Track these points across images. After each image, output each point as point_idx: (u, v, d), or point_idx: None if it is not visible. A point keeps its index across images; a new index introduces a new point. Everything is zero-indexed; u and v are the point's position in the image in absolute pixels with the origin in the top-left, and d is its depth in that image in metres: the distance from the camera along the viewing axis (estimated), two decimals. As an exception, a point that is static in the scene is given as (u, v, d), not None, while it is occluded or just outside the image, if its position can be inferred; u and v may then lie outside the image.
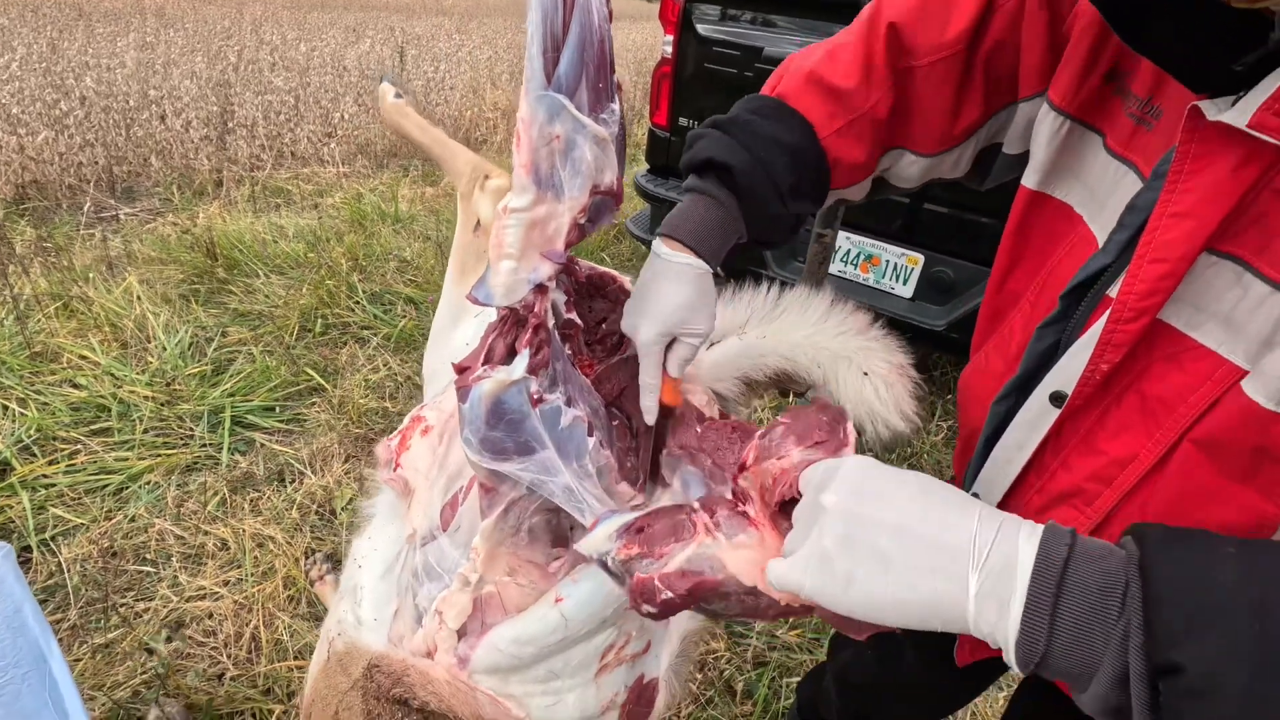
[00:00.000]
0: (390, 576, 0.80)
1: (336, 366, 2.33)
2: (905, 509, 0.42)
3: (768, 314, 0.84)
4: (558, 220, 0.61)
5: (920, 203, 2.21)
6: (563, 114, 0.57)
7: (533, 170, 0.59)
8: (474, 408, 0.62)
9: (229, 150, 4.45)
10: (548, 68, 0.56)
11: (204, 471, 1.85)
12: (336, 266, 2.75)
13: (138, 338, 2.26)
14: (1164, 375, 0.50)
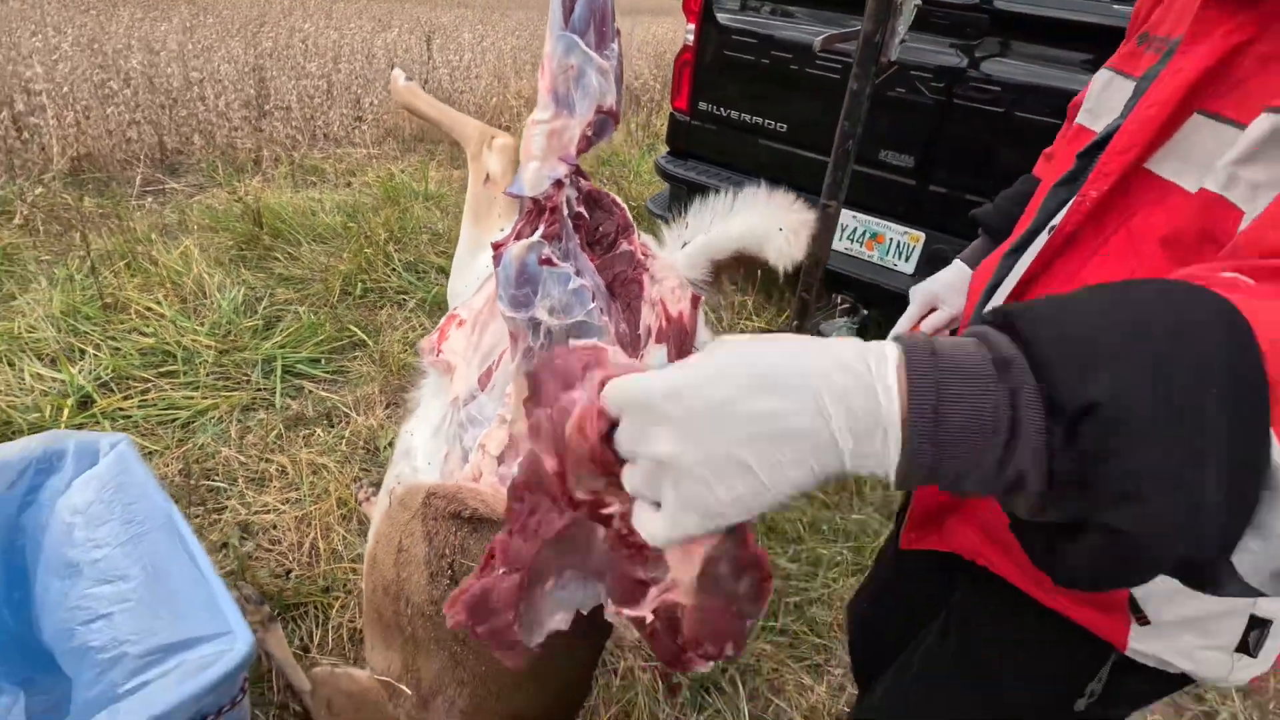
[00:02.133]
0: (439, 434, 0.99)
1: (376, 325, 2.52)
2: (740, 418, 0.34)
3: (725, 212, 1.03)
4: (570, 131, 0.82)
5: (924, 184, 2.37)
6: (576, 49, 0.77)
7: (552, 92, 0.80)
8: (505, 269, 0.81)
9: (265, 131, 4.66)
10: (566, 14, 0.77)
11: (260, 411, 2.05)
12: (374, 236, 2.94)
13: (196, 294, 2.46)
14: (1149, 215, 0.59)
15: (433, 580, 0.91)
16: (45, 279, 2.40)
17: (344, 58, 6.09)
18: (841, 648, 1.63)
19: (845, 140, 1.79)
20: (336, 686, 1.07)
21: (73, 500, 1.06)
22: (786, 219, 0.92)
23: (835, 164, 1.83)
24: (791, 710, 1.49)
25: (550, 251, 0.81)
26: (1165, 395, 0.29)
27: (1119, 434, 0.29)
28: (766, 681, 1.53)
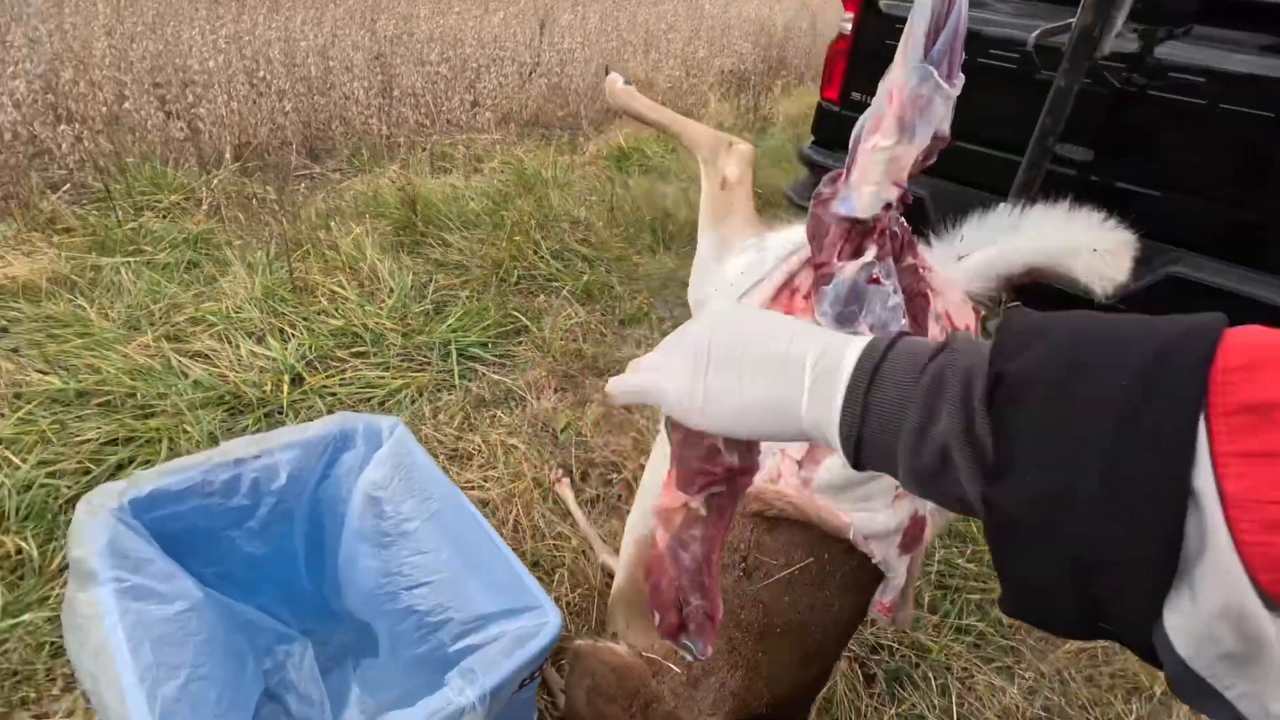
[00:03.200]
0: None
1: (535, 311, 2.63)
2: (757, 331, 0.44)
3: (1011, 227, 1.04)
4: (907, 158, 0.85)
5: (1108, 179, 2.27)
6: (930, 80, 0.80)
7: (899, 119, 0.83)
8: (838, 287, 0.86)
9: (393, 117, 4.88)
10: (928, 46, 0.79)
11: (445, 392, 2.19)
12: (523, 224, 3.06)
13: (370, 279, 2.64)
14: None
15: (723, 572, 0.98)
16: (239, 262, 2.62)
17: (458, 43, 6.27)
18: (1029, 651, 1.63)
19: (1045, 138, 1.74)
20: (600, 659, 1.17)
21: (373, 476, 1.19)
22: (1101, 239, 0.93)
23: (1031, 162, 1.79)
24: (985, 710, 1.51)
25: (878, 271, 0.85)
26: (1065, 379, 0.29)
27: (1011, 404, 0.29)
28: (958, 680, 1.55)
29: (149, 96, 3.92)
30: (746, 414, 0.42)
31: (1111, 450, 0.27)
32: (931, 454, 0.34)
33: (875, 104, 0.85)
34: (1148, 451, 0.27)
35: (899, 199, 0.86)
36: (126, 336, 2.15)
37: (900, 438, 0.35)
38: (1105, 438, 0.28)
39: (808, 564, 0.95)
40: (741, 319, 0.46)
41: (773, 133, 5.38)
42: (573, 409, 2.16)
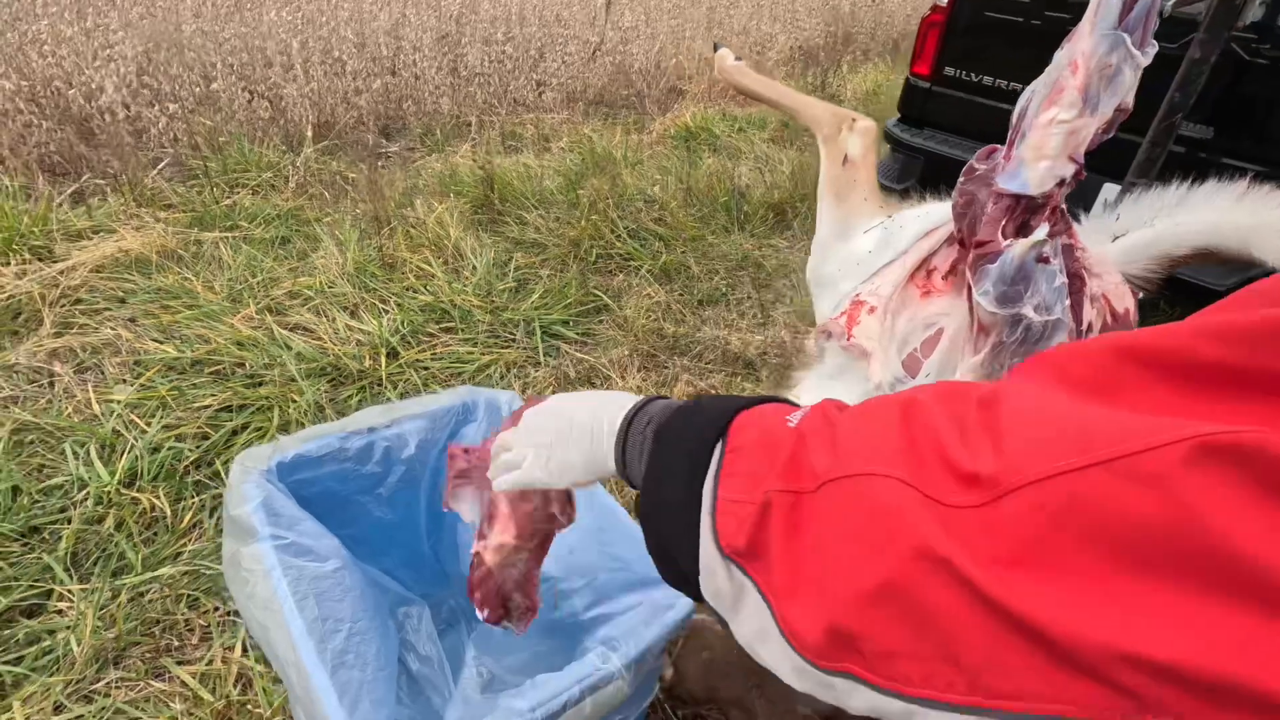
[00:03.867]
0: None
1: (614, 290, 2.64)
2: (566, 411, 0.63)
3: (1172, 206, 0.98)
4: (1087, 130, 0.81)
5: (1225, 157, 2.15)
6: (1121, 47, 0.75)
7: (1084, 90, 0.79)
8: (1005, 265, 0.83)
9: (460, 96, 4.93)
10: (1124, 11, 0.75)
11: (531, 369, 2.22)
12: (599, 203, 3.06)
13: (455, 256, 2.69)
14: None
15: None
16: (329, 239, 2.69)
17: (522, 22, 6.28)
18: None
19: (1172, 113, 1.65)
20: (719, 633, 1.18)
21: (495, 448, 1.21)
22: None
23: (1154, 140, 1.70)
24: None
25: (1048, 249, 0.82)
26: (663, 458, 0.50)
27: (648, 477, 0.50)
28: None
29: (235, 77, 4.05)
30: (570, 469, 0.61)
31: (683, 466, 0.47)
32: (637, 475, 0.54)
33: (1050, 74, 0.82)
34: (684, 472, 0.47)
35: (1074, 175, 0.82)
36: (231, 309, 2.24)
37: (631, 464, 0.55)
38: (680, 463, 0.48)
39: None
40: (557, 406, 0.65)
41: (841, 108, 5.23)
42: (658, 388, 2.17)
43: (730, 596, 0.42)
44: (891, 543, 0.34)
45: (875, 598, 0.34)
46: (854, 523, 0.36)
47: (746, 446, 0.44)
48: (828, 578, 0.36)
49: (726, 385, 2.18)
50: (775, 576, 0.39)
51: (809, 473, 0.39)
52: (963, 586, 0.31)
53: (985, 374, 0.90)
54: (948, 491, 0.33)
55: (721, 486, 0.43)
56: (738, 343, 2.40)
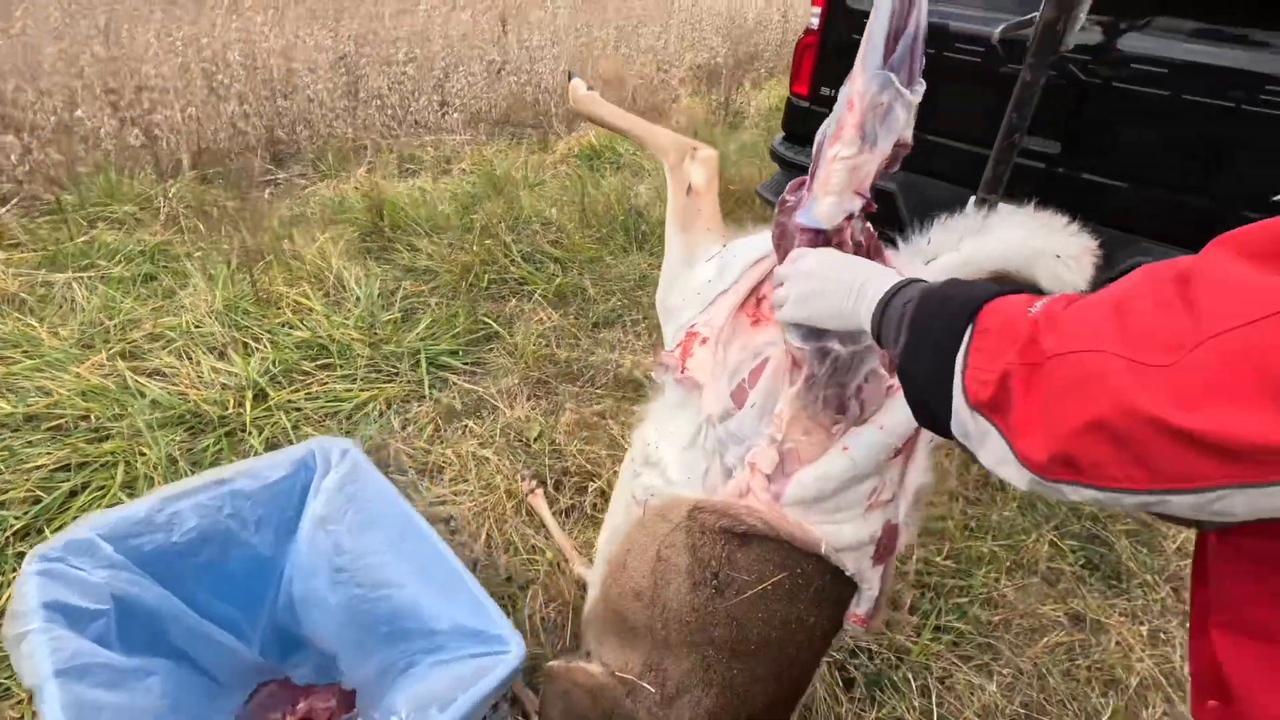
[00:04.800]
0: (693, 448, 1.02)
1: (506, 316, 2.59)
2: (834, 272, 0.75)
3: (979, 230, 1.02)
4: (869, 166, 0.83)
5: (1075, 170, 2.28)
6: (890, 87, 0.78)
7: (860, 128, 0.81)
8: None
9: (359, 119, 4.79)
10: (887, 52, 0.77)
11: (415, 403, 2.14)
12: (492, 227, 3.01)
13: (336, 288, 2.58)
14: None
15: (695, 589, 0.95)
16: (199, 275, 2.54)
17: (424, 42, 6.17)
18: (1008, 648, 1.63)
19: (1012, 133, 1.74)
20: (573, 680, 1.14)
21: (322, 508, 1.14)
22: (1065, 245, 0.92)
23: (998, 158, 1.78)
24: (965, 709, 1.51)
25: None
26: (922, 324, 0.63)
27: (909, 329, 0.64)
28: (938, 681, 1.55)
29: (101, 103, 3.80)
30: (830, 315, 0.75)
31: (939, 340, 0.60)
32: (897, 343, 0.65)
33: (836, 111, 0.83)
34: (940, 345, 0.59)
35: (862, 208, 0.83)
36: (79, 355, 2.07)
37: (890, 338, 0.67)
38: (935, 335, 0.61)
39: (780, 579, 0.93)
40: (833, 259, 0.78)
41: (745, 127, 5.36)
42: (546, 416, 2.13)
43: (977, 436, 0.56)
44: (1101, 394, 0.45)
45: (1088, 430, 0.46)
46: (1072, 382, 0.48)
47: (993, 329, 0.56)
48: (1051, 419, 0.49)
49: (616, 409, 2.16)
50: (1013, 421, 0.52)
51: (1039, 351, 0.51)
52: (1150, 423, 0.43)
53: (802, 405, 0.90)
54: (1147, 354, 0.44)
55: (971, 357, 0.56)
56: (630, 365, 2.38)
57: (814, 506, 0.90)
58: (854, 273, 0.73)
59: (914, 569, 1.75)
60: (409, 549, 1.08)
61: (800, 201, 0.89)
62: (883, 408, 0.91)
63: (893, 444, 0.90)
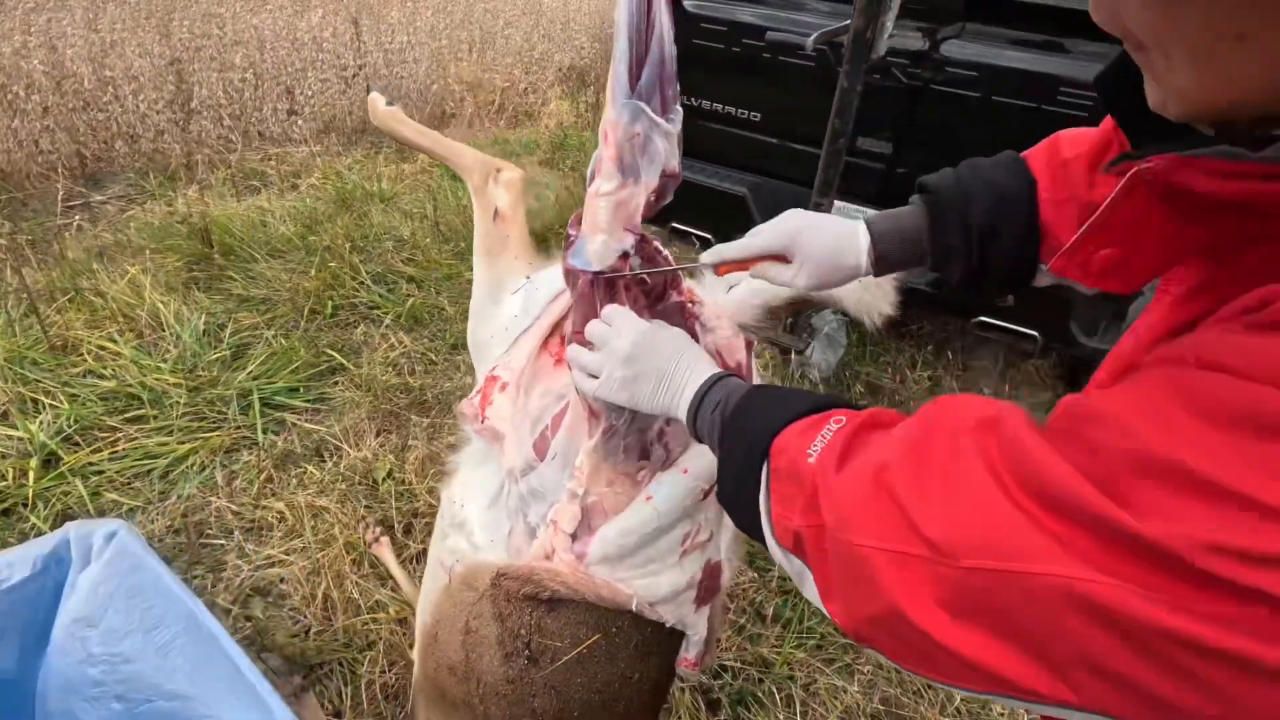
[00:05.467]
0: (496, 507, 0.94)
1: (353, 345, 2.41)
2: (652, 361, 0.70)
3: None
4: (636, 200, 0.78)
5: (894, 168, 2.37)
6: (642, 117, 0.73)
7: (618, 161, 0.75)
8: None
9: (193, 132, 4.36)
10: (632, 81, 0.72)
11: (245, 452, 1.94)
12: (337, 248, 2.79)
13: (151, 327, 2.30)
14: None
15: (507, 660, 0.87)
16: (-22, 322, 2.20)
17: (268, 46, 5.72)
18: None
19: (836, 139, 1.77)
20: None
21: (79, 609, 0.98)
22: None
23: (826, 162, 1.81)
24: (829, 714, 1.52)
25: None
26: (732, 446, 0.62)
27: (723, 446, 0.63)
28: (802, 689, 1.55)
29: None
30: (648, 403, 0.71)
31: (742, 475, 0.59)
32: (713, 448, 0.65)
33: (599, 147, 0.77)
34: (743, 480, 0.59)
35: (636, 245, 0.78)
36: None
37: (706, 439, 0.66)
38: (738, 470, 0.60)
39: (595, 641, 0.86)
40: (651, 344, 0.72)
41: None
42: (395, 453, 1.98)
43: (794, 573, 0.55)
44: (874, 592, 0.44)
45: (873, 621, 0.46)
46: (851, 572, 0.47)
47: (783, 471, 0.55)
48: (847, 598, 0.48)
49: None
50: (818, 580, 0.52)
51: (819, 515, 0.50)
52: (915, 631, 0.42)
53: (602, 457, 0.84)
54: (904, 541, 0.44)
55: (772, 501, 0.56)
56: (489, 388, 2.27)
57: (622, 562, 0.84)
58: (671, 361, 0.69)
59: (776, 576, 1.75)
60: (185, 649, 0.94)
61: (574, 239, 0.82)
62: (688, 450, 0.87)
63: (699, 486, 0.86)
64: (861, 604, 0.46)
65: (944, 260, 0.71)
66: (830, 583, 0.50)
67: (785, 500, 0.54)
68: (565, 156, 4.71)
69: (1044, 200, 0.67)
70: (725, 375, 0.68)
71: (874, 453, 0.49)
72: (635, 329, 0.72)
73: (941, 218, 0.69)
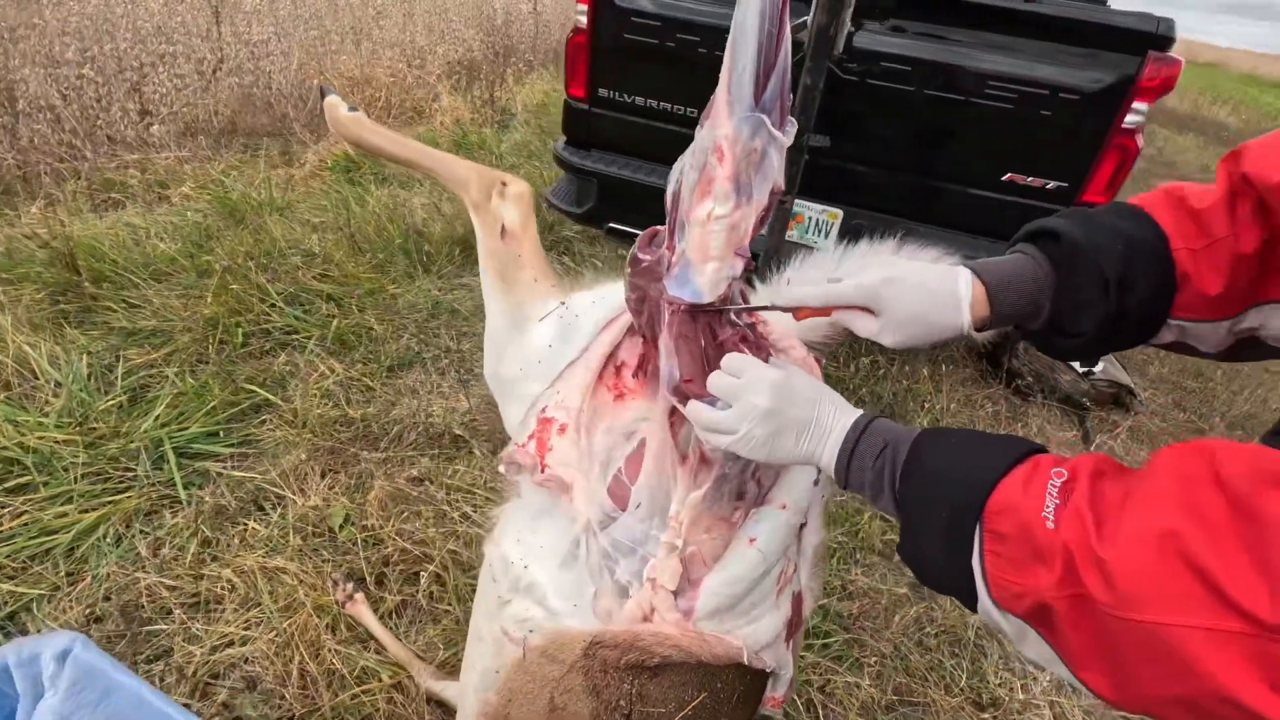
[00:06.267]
0: (573, 565, 0.84)
1: (277, 377, 2.15)
2: (791, 411, 0.65)
3: (837, 268, 0.97)
4: (748, 221, 0.71)
5: (838, 160, 2.42)
6: (763, 130, 0.66)
7: (734, 179, 0.68)
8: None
9: (22, 138, 3.75)
10: (758, 91, 0.65)
11: (167, 513, 1.67)
12: (238, 268, 2.48)
13: (20, 375, 1.94)
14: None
15: (605, 737, 0.78)
16: None
17: (105, 36, 5.01)
18: (870, 636, 1.69)
19: (799, 135, 1.76)
20: None
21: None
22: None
23: (789, 160, 1.80)
24: (848, 712, 1.52)
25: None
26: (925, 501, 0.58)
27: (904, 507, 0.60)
28: (819, 691, 1.54)
29: None
30: (790, 455, 0.66)
31: (944, 536, 0.56)
32: (879, 500, 0.62)
33: (697, 155, 0.69)
34: (950, 538, 0.56)
35: (744, 270, 0.71)
36: None
37: (865, 489, 0.63)
38: (937, 532, 0.57)
39: (701, 700, 0.79)
40: (788, 394, 0.66)
41: (515, 126, 5.14)
42: (350, 496, 1.78)
43: (1012, 633, 0.53)
44: (1188, 675, 0.41)
45: (1171, 703, 0.43)
46: (1150, 654, 0.43)
47: (1009, 535, 0.51)
48: (1125, 677, 0.46)
49: (436, 471, 1.88)
50: (1070, 649, 0.49)
51: (1081, 585, 0.46)
52: (1238, 709, 0.40)
53: (708, 508, 0.76)
54: (1230, 621, 0.40)
55: (989, 562, 0.52)
56: (441, 412, 2.10)
57: (729, 614, 0.77)
58: (811, 409, 0.65)
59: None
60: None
61: (662, 263, 0.74)
62: (779, 483, 0.81)
63: (798, 522, 0.80)
64: (1158, 684, 0.44)
65: (1073, 315, 0.65)
66: (1090, 653, 0.47)
67: (1016, 565, 0.51)
68: (466, 155, 4.47)
69: (1179, 250, 0.62)
70: (872, 418, 0.65)
71: (1143, 518, 0.46)
72: (769, 380, 0.66)
73: (1071, 269, 0.64)
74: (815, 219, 2.52)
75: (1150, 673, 0.44)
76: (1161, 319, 0.65)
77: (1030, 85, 2.14)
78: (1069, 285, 0.64)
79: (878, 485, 0.61)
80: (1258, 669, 0.39)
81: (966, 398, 2.70)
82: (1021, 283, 0.65)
